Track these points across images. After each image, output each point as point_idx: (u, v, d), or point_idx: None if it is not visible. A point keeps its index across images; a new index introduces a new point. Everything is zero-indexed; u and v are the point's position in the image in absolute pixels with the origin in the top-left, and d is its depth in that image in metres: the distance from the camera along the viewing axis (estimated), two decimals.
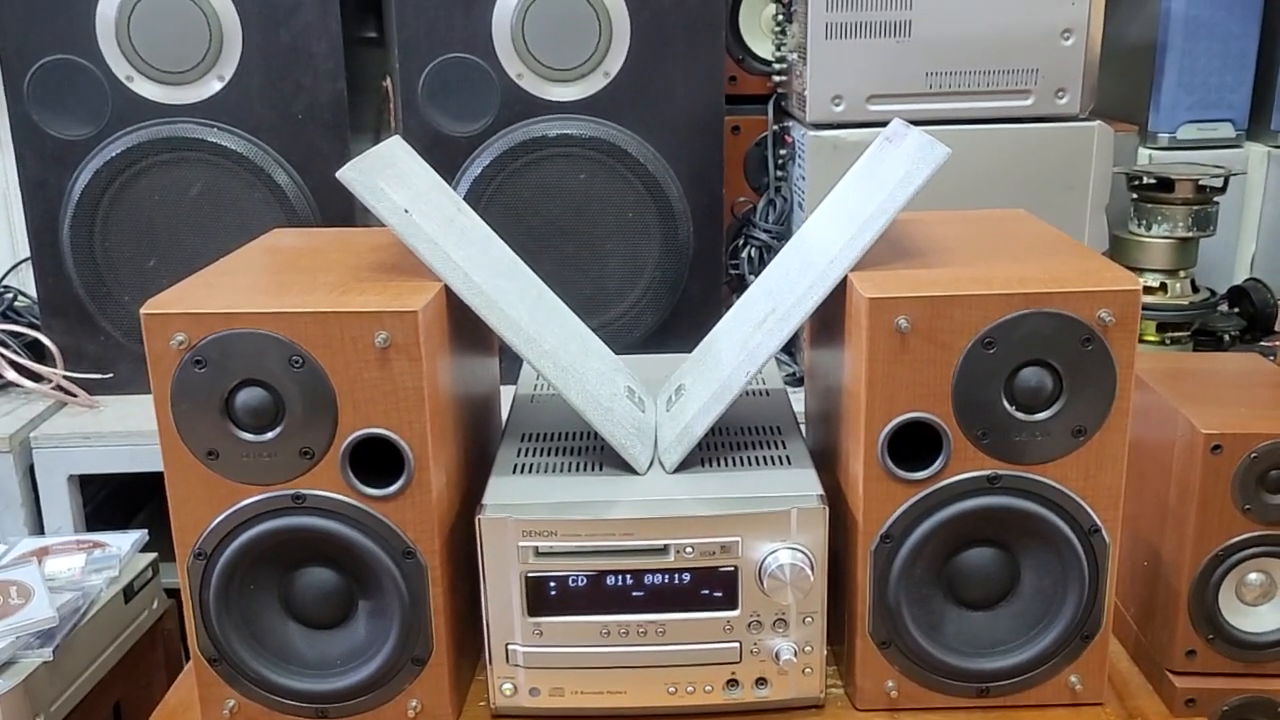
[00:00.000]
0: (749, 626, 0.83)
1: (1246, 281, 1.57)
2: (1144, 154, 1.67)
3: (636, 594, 0.82)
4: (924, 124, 0.92)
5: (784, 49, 1.50)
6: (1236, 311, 1.56)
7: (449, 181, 1.27)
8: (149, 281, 1.40)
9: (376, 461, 0.80)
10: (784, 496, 0.82)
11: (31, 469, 1.37)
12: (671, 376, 1.01)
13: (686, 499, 0.83)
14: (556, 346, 0.88)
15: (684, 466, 0.88)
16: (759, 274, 1.01)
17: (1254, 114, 1.67)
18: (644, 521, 0.81)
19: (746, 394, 1.00)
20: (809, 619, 0.83)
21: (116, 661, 1.08)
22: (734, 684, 0.84)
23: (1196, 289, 1.51)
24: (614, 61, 1.41)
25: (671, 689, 0.84)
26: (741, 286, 1.48)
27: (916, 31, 1.36)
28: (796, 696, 0.85)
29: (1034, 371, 0.79)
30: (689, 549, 0.81)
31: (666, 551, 0.81)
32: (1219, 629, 0.88)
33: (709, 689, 0.84)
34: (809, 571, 0.80)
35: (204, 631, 0.83)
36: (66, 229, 1.40)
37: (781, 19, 1.50)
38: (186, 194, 1.40)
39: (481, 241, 0.94)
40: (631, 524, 0.81)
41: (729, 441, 0.92)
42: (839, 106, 1.38)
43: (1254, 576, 0.87)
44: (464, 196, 1.38)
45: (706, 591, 0.82)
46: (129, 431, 1.37)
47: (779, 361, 1.17)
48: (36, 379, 1.45)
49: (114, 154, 1.38)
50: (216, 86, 1.39)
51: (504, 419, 1.00)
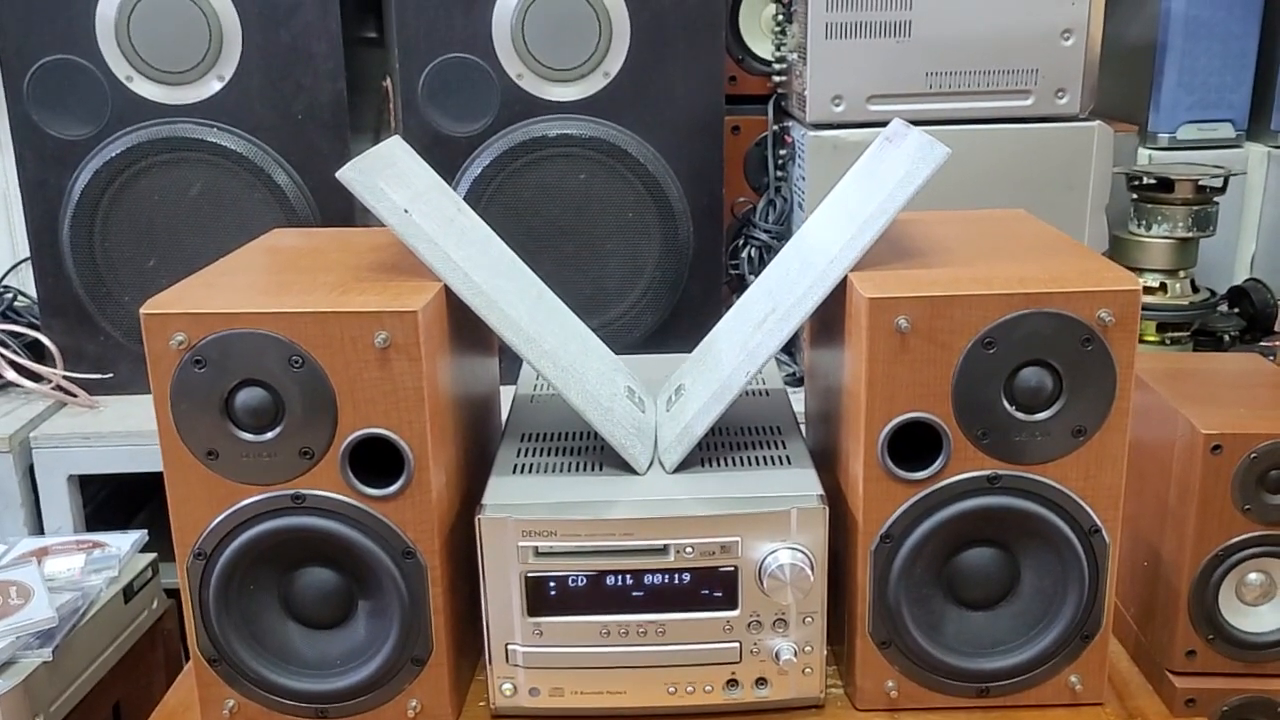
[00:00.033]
0: (749, 626, 0.83)
1: (1246, 282, 1.56)
2: (1144, 154, 1.67)
3: (636, 594, 0.82)
4: (924, 124, 0.92)
5: (784, 49, 1.50)
6: (1236, 312, 1.55)
7: (449, 181, 1.26)
8: (149, 281, 1.40)
9: (376, 461, 0.80)
10: (784, 496, 0.82)
11: (31, 469, 1.37)
12: (671, 376, 1.01)
13: (686, 499, 0.83)
14: (556, 346, 0.88)
15: (684, 466, 0.88)
16: (759, 274, 1.01)
17: (1254, 114, 1.66)
18: (644, 521, 0.81)
19: (746, 394, 1.00)
20: (809, 619, 0.83)
21: (116, 662, 1.08)
22: (734, 684, 0.84)
23: (1196, 289, 1.51)
24: (614, 61, 1.40)
25: (671, 689, 0.84)
26: (741, 286, 1.48)
27: (916, 31, 1.36)
28: (796, 696, 0.85)
29: (1034, 371, 0.79)
30: (689, 549, 0.81)
31: (666, 551, 0.81)
32: (1219, 629, 0.88)
33: (709, 689, 0.84)
34: (809, 571, 0.80)
35: (204, 631, 0.83)
36: (66, 229, 1.40)
37: (781, 19, 1.50)
38: (186, 194, 1.40)
39: (481, 241, 0.94)
40: (631, 524, 0.81)
41: (729, 441, 0.92)
42: (839, 106, 1.38)
43: (1254, 577, 0.87)
44: (464, 196, 1.38)
45: (706, 591, 0.82)
46: (129, 432, 1.37)
47: (779, 361, 1.17)
48: (36, 379, 1.45)
49: (114, 154, 1.38)
50: (216, 86, 1.39)
51: (504, 419, 1.00)
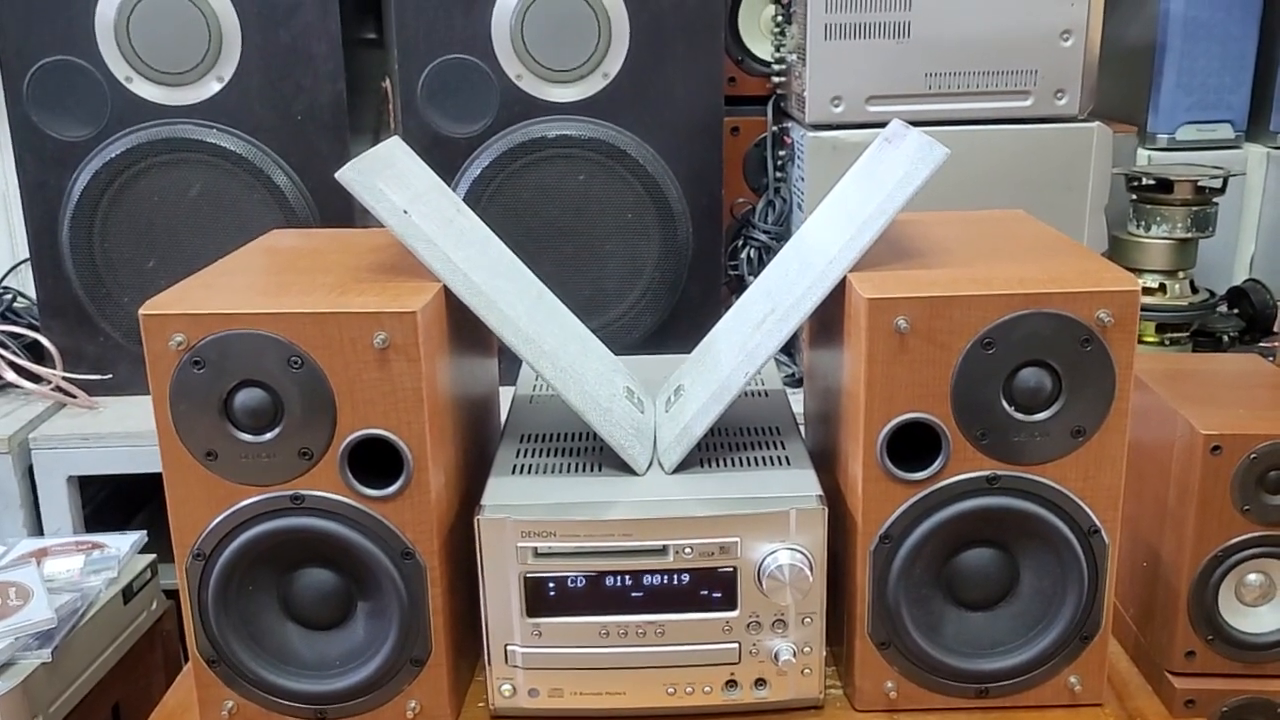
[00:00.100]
0: (748, 627, 0.83)
1: (1246, 282, 1.57)
2: (1143, 155, 1.67)
3: (635, 595, 0.82)
4: (923, 125, 0.92)
5: (783, 50, 1.50)
6: (1236, 312, 1.55)
7: (448, 182, 1.27)
8: (148, 282, 1.40)
9: (375, 462, 0.80)
10: (783, 497, 0.82)
11: (31, 470, 1.37)
12: (670, 377, 1.01)
13: (685, 500, 0.83)
14: (556, 347, 0.88)
15: (683, 467, 0.88)
16: (758, 275, 1.01)
17: (1253, 115, 1.67)
18: (643, 522, 0.81)
19: (746, 394, 1.00)
20: (808, 619, 0.83)
21: (115, 662, 1.08)
22: (733, 685, 0.84)
23: (1196, 290, 1.51)
24: (613, 62, 1.40)
25: (670, 690, 0.84)
26: (741, 287, 1.48)
27: (916, 32, 1.36)
28: (795, 697, 0.85)
29: (1033, 372, 0.79)
30: (688, 550, 0.81)
31: (665, 552, 0.81)
32: (1218, 630, 0.88)
33: (708, 690, 0.84)
34: (808, 572, 0.80)
35: (203, 632, 0.83)
36: (66, 230, 1.40)
37: (781, 20, 1.50)
38: (186, 195, 1.40)
39: (480, 242, 0.94)
40: (630, 525, 0.81)
41: (728, 442, 0.92)
42: (838, 107, 1.38)
43: (1253, 577, 0.87)
44: (463, 197, 1.38)
45: (705, 592, 0.82)
46: (128, 432, 1.37)
47: (778, 362, 1.17)
48: (36, 380, 1.45)
49: (113, 155, 1.38)
50: (216, 87, 1.39)
51: (503, 419, 1.00)
